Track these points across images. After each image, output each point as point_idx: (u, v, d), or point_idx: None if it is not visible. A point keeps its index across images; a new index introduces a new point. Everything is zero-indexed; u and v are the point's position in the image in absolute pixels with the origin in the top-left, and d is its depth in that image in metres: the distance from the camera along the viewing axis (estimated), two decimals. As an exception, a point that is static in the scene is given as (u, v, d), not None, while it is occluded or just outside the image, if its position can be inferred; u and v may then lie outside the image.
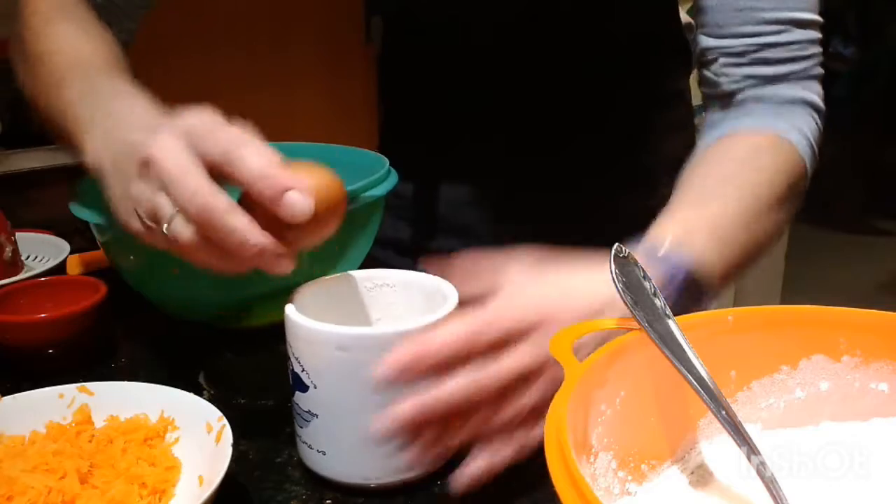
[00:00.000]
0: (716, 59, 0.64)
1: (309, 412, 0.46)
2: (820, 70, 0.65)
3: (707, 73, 0.66)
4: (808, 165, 0.63)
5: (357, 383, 0.44)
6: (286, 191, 0.41)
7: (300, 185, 0.42)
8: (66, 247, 0.80)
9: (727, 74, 0.64)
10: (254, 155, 0.42)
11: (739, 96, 0.64)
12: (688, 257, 0.50)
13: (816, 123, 0.64)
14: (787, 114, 0.63)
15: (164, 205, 0.44)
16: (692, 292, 0.50)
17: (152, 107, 0.53)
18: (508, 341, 0.44)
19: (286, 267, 0.44)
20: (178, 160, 0.43)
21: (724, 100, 0.65)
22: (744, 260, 0.56)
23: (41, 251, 0.83)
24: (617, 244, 0.45)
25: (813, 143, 0.64)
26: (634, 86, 0.78)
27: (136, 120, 0.51)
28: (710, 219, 0.54)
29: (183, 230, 0.43)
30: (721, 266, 0.52)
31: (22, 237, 0.80)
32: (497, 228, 0.81)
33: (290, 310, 0.46)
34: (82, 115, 0.55)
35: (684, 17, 0.80)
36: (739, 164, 0.61)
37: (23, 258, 0.80)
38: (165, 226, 0.44)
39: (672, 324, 0.41)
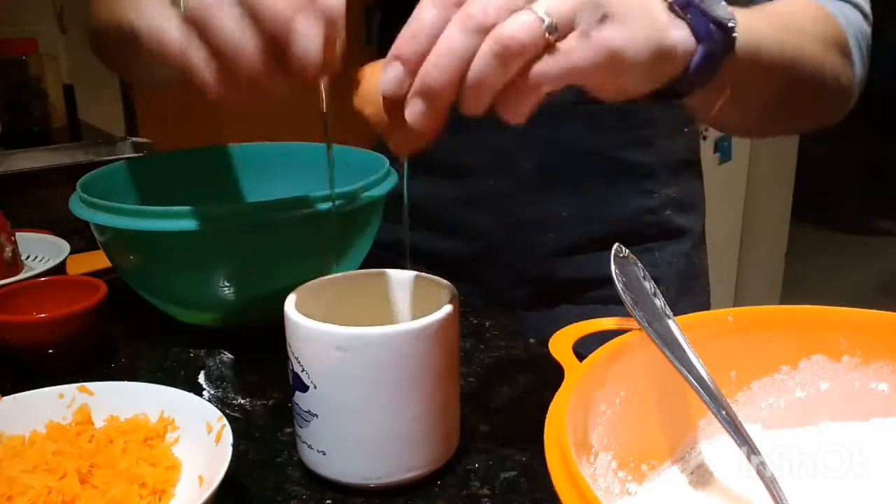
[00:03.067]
0: None
1: (309, 412, 0.46)
2: None
3: None
4: (851, 47, 0.60)
5: (357, 383, 0.44)
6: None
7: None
8: (66, 247, 0.80)
9: None
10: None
11: None
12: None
13: (864, 26, 0.62)
14: (838, 4, 0.61)
15: None
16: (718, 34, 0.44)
17: None
18: None
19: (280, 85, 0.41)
20: None
21: None
22: (779, 57, 0.50)
23: (41, 251, 0.83)
24: (617, 244, 0.45)
25: (859, 38, 0.61)
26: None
27: None
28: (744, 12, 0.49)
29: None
30: (754, 34, 0.47)
31: (22, 237, 0.80)
32: (499, 231, 0.81)
33: (290, 310, 0.46)
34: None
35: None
36: (791, 5, 0.57)
37: (23, 258, 0.80)
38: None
39: (672, 324, 0.41)
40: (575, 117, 0.77)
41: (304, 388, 0.46)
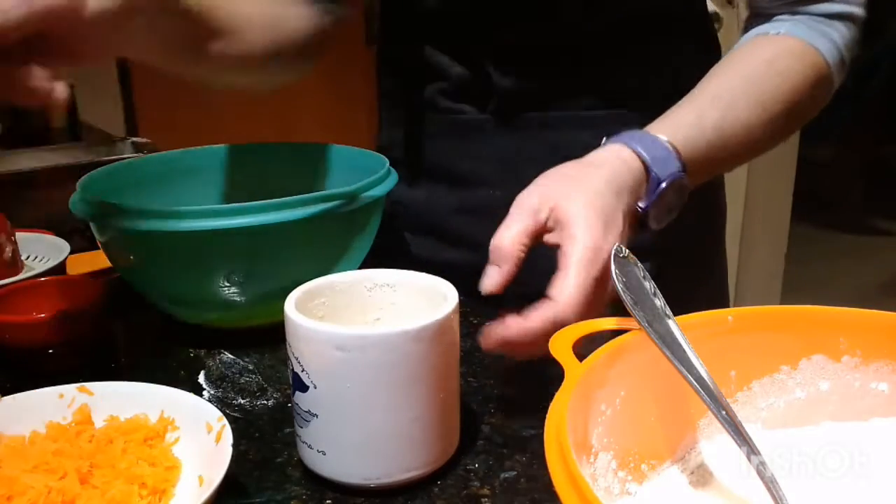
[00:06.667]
0: None
1: (309, 412, 0.46)
2: None
3: None
4: (833, 71, 0.67)
5: (357, 383, 0.44)
6: None
7: None
8: (66, 247, 0.80)
9: None
10: None
11: (776, 12, 0.68)
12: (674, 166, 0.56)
13: (852, 32, 0.68)
14: (822, 26, 0.66)
15: None
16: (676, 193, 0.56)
17: None
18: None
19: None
20: None
21: (760, 18, 0.69)
22: (725, 156, 0.62)
23: (41, 251, 0.83)
24: (617, 244, 0.45)
25: (843, 50, 0.67)
26: (652, 75, 0.77)
27: None
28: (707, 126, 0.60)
29: None
30: (700, 164, 0.59)
31: (22, 237, 0.80)
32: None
33: (290, 310, 0.46)
34: None
35: (711, 6, 0.80)
36: (765, 66, 0.65)
37: (23, 258, 0.80)
38: None
39: (672, 324, 0.41)
40: (580, 126, 0.77)
41: (304, 388, 0.46)
